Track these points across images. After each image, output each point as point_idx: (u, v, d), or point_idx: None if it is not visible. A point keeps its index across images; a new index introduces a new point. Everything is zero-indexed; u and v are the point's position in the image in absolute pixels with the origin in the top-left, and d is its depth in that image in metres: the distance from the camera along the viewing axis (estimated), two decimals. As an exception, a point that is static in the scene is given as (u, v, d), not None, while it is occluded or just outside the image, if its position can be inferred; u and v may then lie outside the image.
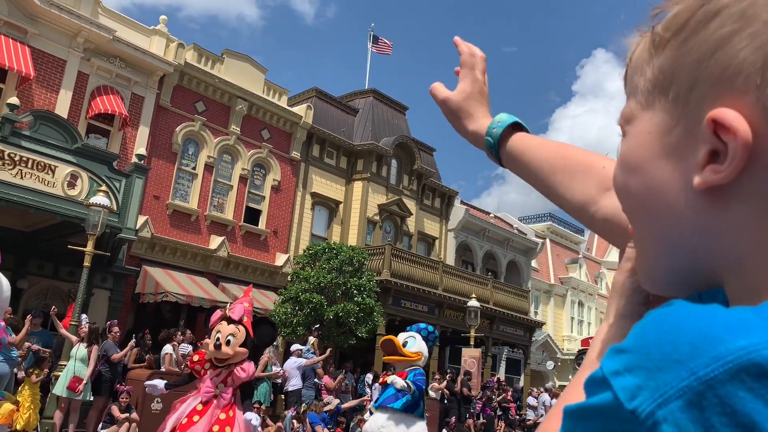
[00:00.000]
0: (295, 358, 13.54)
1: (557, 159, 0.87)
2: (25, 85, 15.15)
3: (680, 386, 0.39)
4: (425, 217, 25.24)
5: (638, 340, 0.43)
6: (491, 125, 0.95)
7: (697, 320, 0.42)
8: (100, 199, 11.67)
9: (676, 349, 0.41)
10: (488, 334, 22.41)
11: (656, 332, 0.42)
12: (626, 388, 0.41)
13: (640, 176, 0.53)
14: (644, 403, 0.40)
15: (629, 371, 0.42)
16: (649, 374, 0.41)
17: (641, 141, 0.53)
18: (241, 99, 19.79)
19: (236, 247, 19.35)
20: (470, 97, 1.00)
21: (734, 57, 0.46)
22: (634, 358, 0.42)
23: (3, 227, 14.10)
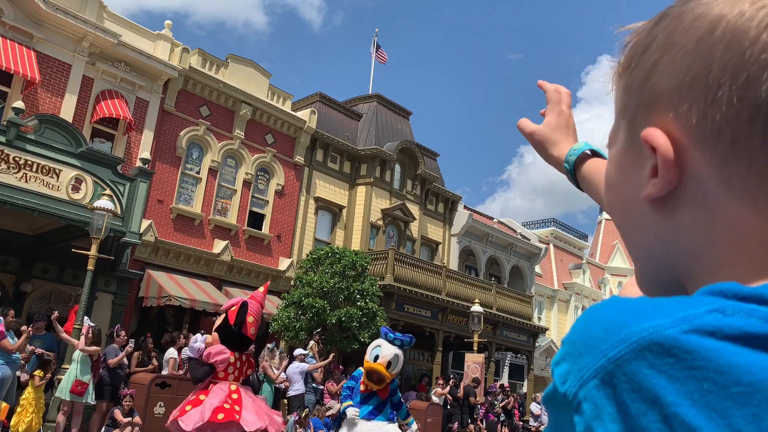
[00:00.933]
0: (297, 363, 13.53)
1: None
2: (31, 89, 15.22)
3: (595, 367, 0.44)
4: (429, 222, 25.23)
5: (570, 332, 0.48)
6: (569, 152, 1.05)
7: (613, 309, 0.47)
8: (104, 203, 11.70)
9: (592, 335, 0.46)
10: (491, 339, 22.36)
11: (582, 323, 0.48)
12: (560, 375, 0.47)
13: (614, 193, 0.59)
14: (571, 386, 0.45)
15: (563, 359, 0.47)
16: (574, 360, 0.46)
17: (614, 162, 0.59)
18: (245, 104, 19.84)
19: (240, 252, 19.37)
20: (556, 129, 1.09)
21: (658, 82, 0.52)
22: (566, 348, 0.47)
23: (8, 231, 14.15)
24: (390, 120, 25.32)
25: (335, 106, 24.10)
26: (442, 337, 20.55)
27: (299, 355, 13.71)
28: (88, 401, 10.21)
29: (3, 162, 11.92)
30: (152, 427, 10.48)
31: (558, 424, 0.48)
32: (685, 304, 0.45)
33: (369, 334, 16.01)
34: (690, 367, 0.41)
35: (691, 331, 0.42)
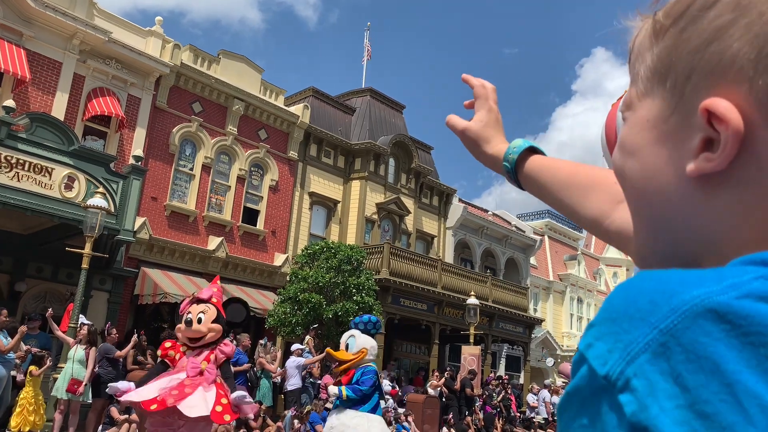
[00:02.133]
0: (294, 358, 13.55)
1: (571, 177, 0.93)
2: (21, 87, 15.13)
3: (645, 341, 0.41)
4: (424, 216, 25.25)
5: (605, 311, 0.45)
6: (508, 150, 1.02)
7: (654, 281, 0.44)
8: (97, 200, 11.66)
9: (638, 309, 0.43)
10: (488, 331, 22.43)
11: (620, 299, 0.45)
12: (598, 356, 0.43)
13: (636, 160, 0.55)
14: (615, 365, 0.42)
15: (599, 339, 0.44)
16: (616, 337, 0.43)
17: (639, 127, 0.55)
18: (237, 99, 19.78)
19: (234, 248, 19.35)
20: (488, 125, 1.08)
21: (729, 48, 0.47)
22: (603, 327, 0.44)
23: (1, 230, 14.09)
24: (383, 114, 25.29)
25: (328, 100, 24.05)
26: (438, 330, 20.59)
27: (296, 350, 13.73)
28: (85, 400, 10.21)
29: (-6, 161, 11.85)
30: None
31: (592, 417, 0.43)
32: (729, 272, 0.43)
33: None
34: (746, 333, 0.39)
35: (743, 297, 0.40)
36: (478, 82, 1.12)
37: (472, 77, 1.15)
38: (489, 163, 1.07)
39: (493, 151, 1.05)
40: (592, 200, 0.89)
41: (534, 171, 0.98)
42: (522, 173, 1.00)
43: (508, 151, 1.02)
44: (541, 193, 0.98)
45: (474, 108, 1.11)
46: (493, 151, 1.05)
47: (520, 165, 1.00)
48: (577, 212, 0.91)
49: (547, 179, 0.96)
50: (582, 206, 0.90)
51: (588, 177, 0.91)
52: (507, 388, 20.00)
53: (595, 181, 0.90)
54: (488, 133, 1.07)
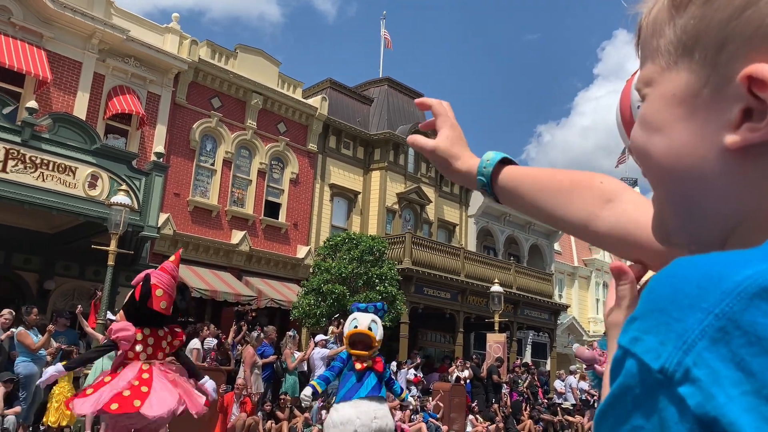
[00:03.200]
0: (319, 349, 13.61)
1: (552, 183, 0.90)
2: (43, 88, 15.33)
3: (701, 327, 0.39)
4: (445, 204, 25.16)
5: (648, 302, 0.43)
6: (481, 164, 0.99)
7: (699, 266, 0.42)
8: (121, 198, 11.78)
9: (686, 296, 0.40)
10: (513, 318, 22.33)
11: (664, 287, 0.42)
12: (649, 350, 0.41)
13: (663, 137, 0.53)
14: (670, 356, 0.40)
15: (647, 332, 0.42)
16: (668, 327, 0.40)
17: (664, 102, 0.53)
18: (256, 93, 19.83)
19: (257, 241, 19.47)
20: (454, 142, 1.05)
21: (766, 14, 0.46)
22: (650, 318, 0.42)
23: (29, 230, 14.32)
24: (402, 103, 25.19)
25: (346, 91, 24.02)
26: (462, 319, 20.55)
27: (321, 341, 13.80)
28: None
29: (20, 162, 12.04)
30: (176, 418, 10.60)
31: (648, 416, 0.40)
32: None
33: (389, 318, 16.07)
34: None
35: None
36: (435, 101, 1.11)
37: (426, 98, 1.13)
38: (461, 179, 1.04)
39: (465, 167, 1.03)
40: (577, 203, 0.85)
41: (511, 182, 0.95)
42: (498, 186, 0.97)
43: (482, 164, 0.99)
44: (520, 204, 0.95)
45: (435, 127, 1.08)
46: (465, 167, 1.03)
47: (495, 178, 0.97)
48: (562, 218, 0.88)
49: (525, 188, 0.93)
50: (566, 210, 0.87)
51: (569, 180, 0.88)
52: (533, 374, 19.91)
53: (577, 184, 0.87)
54: (456, 149, 1.04)
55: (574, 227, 0.86)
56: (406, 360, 16.91)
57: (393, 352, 17.66)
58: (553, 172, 0.92)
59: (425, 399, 15.52)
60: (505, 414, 16.71)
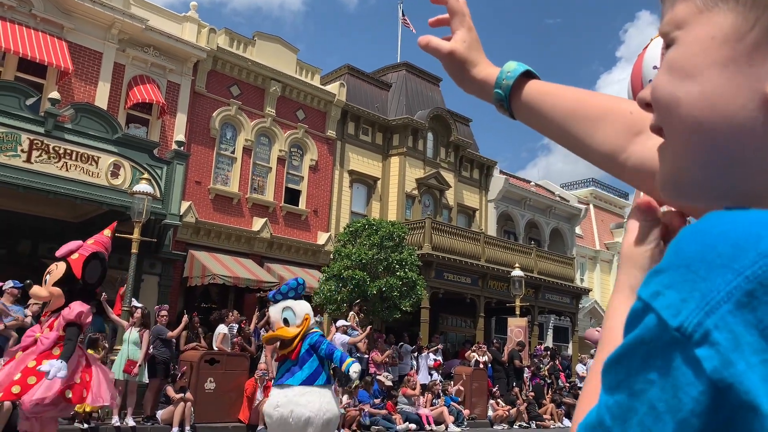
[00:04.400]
0: (340, 334, 13.72)
1: (578, 106, 0.82)
2: (65, 79, 15.49)
3: (728, 289, 0.37)
4: (464, 189, 25.06)
5: (675, 256, 0.41)
6: (500, 75, 0.89)
7: (734, 223, 0.40)
8: (143, 186, 11.92)
9: (718, 254, 0.38)
10: (534, 303, 22.26)
11: (695, 243, 0.40)
12: (669, 305, 0.39)
13: (696, 84, 0.49)
14: (690, 315, 0.38)
15: (670, 288, 0.40)
16: (692, 285, 0.39)
17: (701, 47, 0.49)
18: (274, 80, 19.86)
19: (278, 228, 19.58)
20: (472, 46, 0.93)
21: None
22: (675, 274, 0.40)
23: (54, 219, 14.55)
24: (420, 88, 25.06)
25: (364, 77, 23.94)
26: (483, 303, 20.53)
27: (341, 327, 13.89)
28: (142, 380, 10.54)
29: (44, 152, 12.22)
30: (203, 402, 10.79)
31: (661, 372, 0.39)
32: None
33: (410, 303, 16.11)
34: None
35: None
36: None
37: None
38: (476, 89, 0.93)
39: (482, 76, 0.92)
40: (604, 132, 0.79)
41: (533, 98, 0.86)
42: (517, 101, 0.88)
43: (501, 76, 0.89)
44: (541, 124, 0.86)
45: (451, 27, 0.95)
46: (482, 75, 0.92)
47: (516, 92, 0.88)
48: (586, 146, 0.81)
49: (548, 108, 0.84)
50: (592, 139, 0.80)
51: (597, 105, 0.81)
52: (556, 358, 19.87)
53: (605, 110, 0.80)
54: (473, 55, 0.93)
55: (598, 157, 0.80)
56: (427, 345, 16.97)
57: (414, 337, 17.73)
58: (580, 93, 0.84)
59: (447, 383, 15.58)
60: (527, 398, 16.72)
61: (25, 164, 11.98)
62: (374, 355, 14.48)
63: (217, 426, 10.54)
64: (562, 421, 17.33)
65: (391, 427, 12.80)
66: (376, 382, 13.57)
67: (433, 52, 0.95)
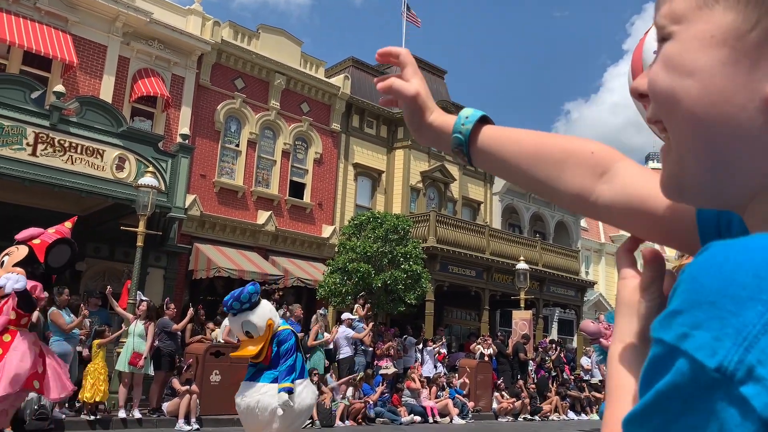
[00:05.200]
0: (344, 328, 13.75)
1: (539, 149, 0.81)
2: (70, 72, 15.50)
3: (763, 321, 0.35)
4: (469, 182, 25.02)
5: (692, 293, 0.39)
6: (459, 121, 0.88)
7: (747, 252, 0.38)
8: (148, 180, 11.94)
9: (742, 287, 0.37)
10: (539, 296, 22.25)
11: (711, 278, 0.38)
12: (702, 347, 0.37)
13: (696, 81, 0.48)
14: (729, 354, 0.36)
15: (697, 328, 0.38)
16: (722, 322, 0.37)
17: (700, 44, 0.48)
18: (279, 73, 19.83)
19: (283, 221, 19.60)
20: (427, 95, 0.94)
21: None
22: (699, 312, 0.38)
23: (59, 212, 14.55)
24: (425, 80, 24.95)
25: (368, 69, 23.88)
26: (488, 296, 20.53)
27: (346, 320, 13.92)
28: (147, 372, 10.59)
29: (49, 145, 12.24)
30: (209, 395, 10.84)
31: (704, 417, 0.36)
32: None
33: (415, 296, 16.12)
34: None
35: None
36: (403, 50, 0.98)
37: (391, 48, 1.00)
38: (431, 135, 0.92)
39: (439, 122, 0.91)
40: (569, 175, 0.78)
41: (492, 144, 0.85)
42: (474, 147, 0.87)
43: (459, 121, 0.88)
44: (502, 169, 0.85)
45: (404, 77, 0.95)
46: (439, 121, 0.91)
47: (473, 138, 0.87)
48: (553, 189, 0.80)
49: (510, 153, 0.83)
50: (558, 182, 0.79)
51: (558, 148, 0.80)
52: (561, 351, 19.87)
53: (567, 153, 0.79)
54: (430, 102, 0.94)
55: (567, 200, 0.80)
56: (432, 338, 16.99)
57: (419, 329, 17.75)
58: (539, 136, 0.83)
59: (451, 376, 15.61)
60: (531, 391, 16.73)
61: (30, 157, 12.01)
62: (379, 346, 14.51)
63: (222, 418, 10.59)
64: (567, 413, 17.35)
65: (396, 419, 12.84)
66: (379, 375, 13.60)
67: (397, 95, 0.94)
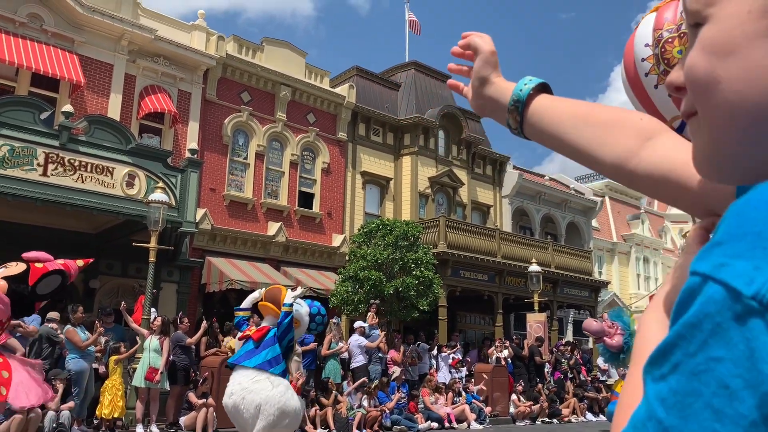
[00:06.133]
0: (357, 336, 13.75)
1: (590, 114, 0.84)
2: (77, 92, 15.67)
3: None
4: (478, 186, 24.99)
5: (737, 227, 0.39)
6: (520, 84, 0.92)
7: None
8: (158, 195, 12.02)
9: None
10: (552, 297, 22.14)
11: (758, 211, 0.38)
12: (740, 275, 0.37)
13: (738, 60, 0.47)
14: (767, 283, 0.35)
15: (738, 257, 0.37)
16: (765, 252, 0.36)
17: (737, 22, 0.47)
18: (284, 85, 19.94)
19: (293, 232, 19.66)
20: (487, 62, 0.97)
21: None
22: (741, 243, 0.38)
23: (72, 231, 14.71)
24: (429, 86, 25.03)
25: (373, 78, 23.96)
26: (501, 300, 20.46)
27: (359, 328, 13.92)
28: (163, 387, 10.63)
29: (59, 165, 12.36)
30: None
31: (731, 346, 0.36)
32: None
33: (427, 302, 16.10)
34: None
35: None
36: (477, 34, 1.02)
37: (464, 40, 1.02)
38: (491, 97, 0.96)
39: (502, 85, 0.94)
40: (615, 138, 0.80)
41: (545, 108, 0.87)
42: (529, 114, 0.89)
43: (521, 84, 0.91)
44: (549, 135, 0.87)
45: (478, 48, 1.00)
46: (502, 84, 0.94)
47: (529, 102, 0.89)
48: (597, 154, 0.81)
49: (560, 118, 0.85)
50: (603, 146, 0.81)
51: (608, 114, 0.82)
52: (577, 352, 19.75)
53: (616, 118, 0.81)
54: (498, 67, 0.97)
55: (608, 165, 0.81)
56: (447, 343, 16.94)
57: (432, 336, 17.70)
58: (590, 105, 0.86)
59: (468, 381, 15.55)
60: (549, 393, 16.63)
61: (41, 178, 12.12)
62: (393, 354, 14.48)
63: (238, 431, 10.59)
64: (585, 415, 17.22)
65: (413, 426, 12.79)
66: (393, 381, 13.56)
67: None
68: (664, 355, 0.40)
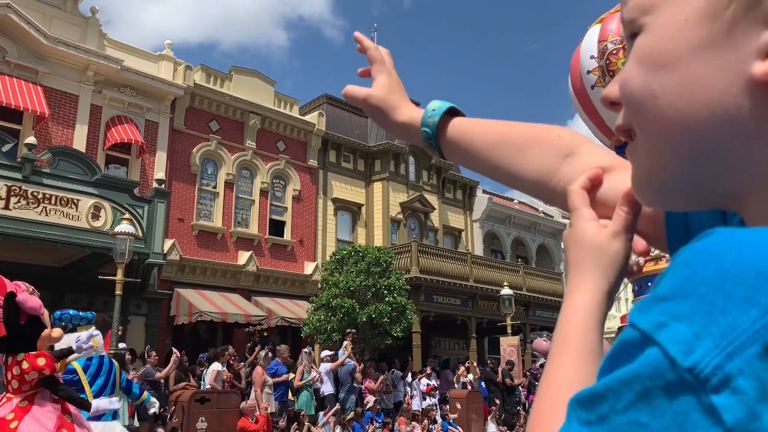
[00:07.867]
0: (324, 364, 13.62)
1: (505, 135, 0.82)
2: (42, 124, 15.43)
3: (755, 328, 0.32)
4: (449, 211, 25.13)
5: (682, 281, 0.35)
6: (426, 114, 0.90)
7: (754, 246, 0.34)
8: (124, 227, 11.80)
9: (739, 284, 0.33)
10: (525, 321, 22.21)
11: (707, 268, 0.34)
12: (679, 341, 0.33)
13: (673, 73, 0.44)
14: (707, 356, 0.32)
15: (679, 319, 0.34)
16: (708, 319, 0.33)
17: (674, 31, 0.44)
18: (253, 114, 19.91)
19: (264, 261, 19.47)
20: (392, 90, 0.96)
21: None
22: (684, 303, 0.34)
23: (36, 265, 14.35)
24: (399, 113, 25.21)
25: (343, 105, 24.07)
26: (474, 324, 20.45)
27: (325, 357, 13.81)
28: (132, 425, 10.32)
29: (22, 198, 12.10)
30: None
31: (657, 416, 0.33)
32: None
33: (401, 328, 16.01)
34: None
35: None
36: (372, 45, 1.01)
37: (365, 38, 1.03)
38: (401, 132, 0.95)
39: (404, 118, 0.93)
40: (533, 158, 0.78)
41: (460, 134, 0.86)
42: (444, 139, 0.88)
43: (427, 115, 0.89)
44: (470, 159, 0.86)
45: (371, 75, 0.99)
46: (405, 117, 0.94)
47: (442, 130, 0.88)
48: (516, 174, 0.80)
49: (476, 141, 0.84)
50: (521, 166, 0.79)
51: (524, 133, 0.81)
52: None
53: (533, 136, 0.79)
54: (395, 99, 0.95)
55: (528, 184, 0.80)
56: (420, 369, 16.83)
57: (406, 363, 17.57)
58: (505, 124, 0.84)
59: (443, 408, 15.43)
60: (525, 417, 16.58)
61: (3, 211, 11.85)
62: (368, 383, 14.32)
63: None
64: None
65: (389, 455, 12.61)
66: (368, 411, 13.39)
67: (352, 100, 0.99)
68: (591, 402, 0.37)
